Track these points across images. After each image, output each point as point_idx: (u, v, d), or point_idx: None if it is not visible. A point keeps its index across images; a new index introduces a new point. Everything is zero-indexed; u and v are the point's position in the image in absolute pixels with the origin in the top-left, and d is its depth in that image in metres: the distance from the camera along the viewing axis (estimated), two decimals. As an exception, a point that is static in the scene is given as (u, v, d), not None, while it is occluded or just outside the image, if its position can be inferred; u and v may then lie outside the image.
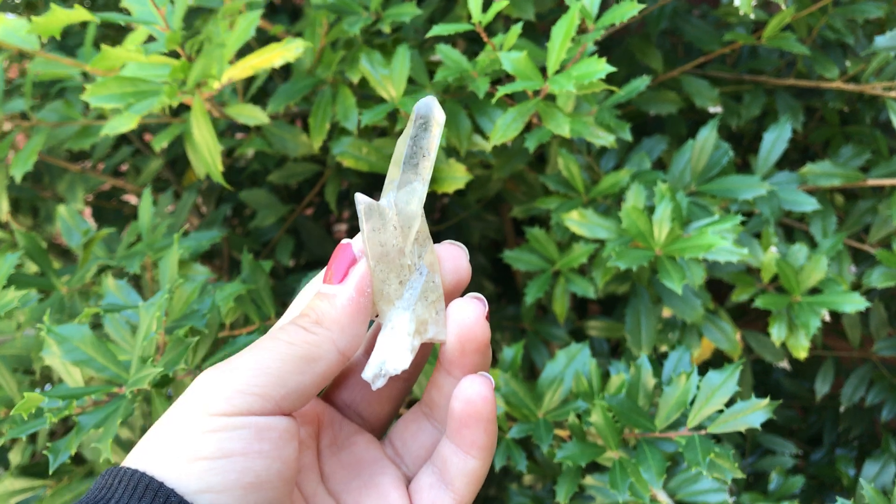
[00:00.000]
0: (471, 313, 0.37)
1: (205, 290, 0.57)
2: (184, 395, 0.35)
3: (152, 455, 0.33)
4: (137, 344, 0.47)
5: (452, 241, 0.40)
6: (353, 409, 0.42)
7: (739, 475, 0.67)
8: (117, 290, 0.60)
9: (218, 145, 0.66)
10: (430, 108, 0.37)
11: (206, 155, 0.66)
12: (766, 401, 0.67)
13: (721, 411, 0.68)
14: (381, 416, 0.42)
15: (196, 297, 0.54)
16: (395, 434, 0.42)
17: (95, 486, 0.34)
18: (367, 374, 0.38)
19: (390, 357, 0.38)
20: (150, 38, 0.71)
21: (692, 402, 0.68)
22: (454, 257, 0.39)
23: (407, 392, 0.43)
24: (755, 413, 0.67)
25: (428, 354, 0.41)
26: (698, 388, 0.68)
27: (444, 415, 0.41)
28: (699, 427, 0.68)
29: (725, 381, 0.68)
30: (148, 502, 0.32)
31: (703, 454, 0.65)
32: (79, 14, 0.58)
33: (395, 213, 0.37)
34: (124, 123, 0.64)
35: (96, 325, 0.66)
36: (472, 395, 0.37)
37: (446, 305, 0.38)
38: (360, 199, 0.37)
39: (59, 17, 0.59)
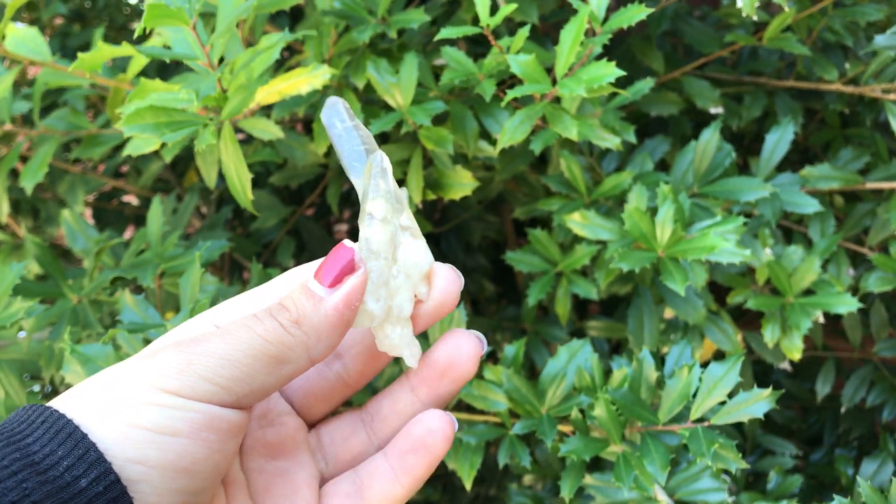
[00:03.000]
0: (471, 351, 0.37)
1: (216, 303, 0.58)
2: (137, 362, 0.33)
3: (86, 407, 0.32)
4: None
5: (453, 268, 0.39)
6: (287, 396, 0.41)
7: (743, 465, 0.67)
8: (135, 305, 0.60)
9: (248, 173, 0.64)
10: (326, 112, 0.39)
11: (237, 182, 0.65)
12: (768, 391, 0.67)
13: (723, 403, 0.68)
14: (315, 413, 0.41)
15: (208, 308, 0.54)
16: (325, 429, 0.41)
17: (13, 419, 0.32)
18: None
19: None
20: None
21: (695, 395, 0.69)
22: (447, 281, 0.39)
23: (347, 398, 0.41)
24: (757, 404, 0.68)
25: (379, 369, 0.40)
26: (700, 380, 0.69)
27: (385, 428, 0.40)
28: (702, 419, 0.69)
29: (727, 373, 0.68)
30: (67, 450, 0.30)
31: (707, 445, 0.65)
32: (124, 50, 0.57)
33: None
34: (147, 145, 0.64)
35: (107, 326, 0.66)
36: (436, 428, 0.36)
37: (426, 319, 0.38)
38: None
39: (103, 53, 0.58)
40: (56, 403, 0.32)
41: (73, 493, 0.29)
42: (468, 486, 0.74)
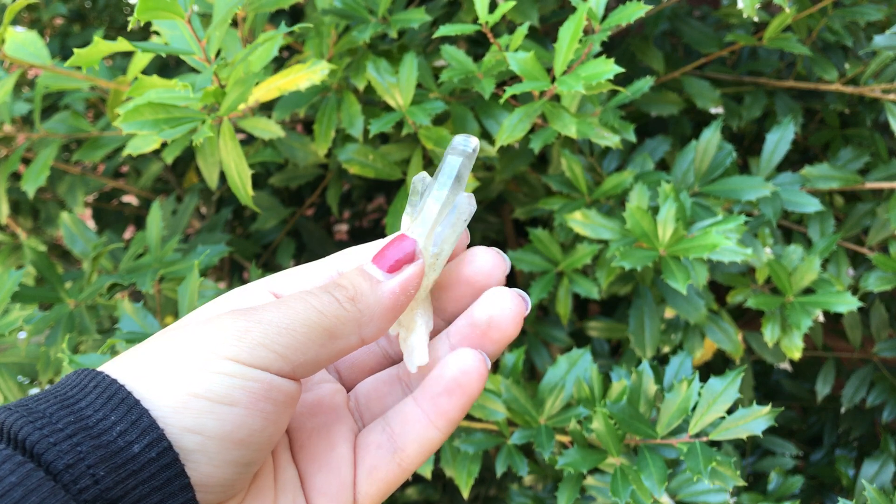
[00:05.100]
0: (514, 310, 0.36)
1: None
2: (193, 327, 0.33)
3: (140, 374, 0.31)
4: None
5: (495, 250, 0.39)
6: (334, 364, 0.41)
7: (741, 483, 0.67)
8: (134, 313, 0.60)
9: (248, 169, 0.64)
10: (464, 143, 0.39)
11: (236, 179, 0.64)
12: (768, 408, 0.67)
13: (723, 418, 0.68)
14: (356, 381, 0.41)
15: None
16: (362, 388, 0.41)
17: (65, 383, 0.32)
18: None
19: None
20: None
21: (693, 409, 0.68)
22: (489, 263, 0.38)
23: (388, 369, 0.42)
24: (757, 420, 0.67)
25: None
26: (700, 394, 0.69)
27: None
28: (700, 434, 0.68)
29: (727, 388, 0.68)
30: (120, 416, 0.30)
31: (705, 463, 0.65)
32: (120, 45, 0.56)
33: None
34: (147, 144, 0.63)
35: (104, 331, 0.66)
36: (471, 367, 0.35)
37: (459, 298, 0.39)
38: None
39: (100, 49, 0.57)
40: (107, 369, 0.32)
41: (126, 458, 0.29)
42: (465, 493, 0.73)
